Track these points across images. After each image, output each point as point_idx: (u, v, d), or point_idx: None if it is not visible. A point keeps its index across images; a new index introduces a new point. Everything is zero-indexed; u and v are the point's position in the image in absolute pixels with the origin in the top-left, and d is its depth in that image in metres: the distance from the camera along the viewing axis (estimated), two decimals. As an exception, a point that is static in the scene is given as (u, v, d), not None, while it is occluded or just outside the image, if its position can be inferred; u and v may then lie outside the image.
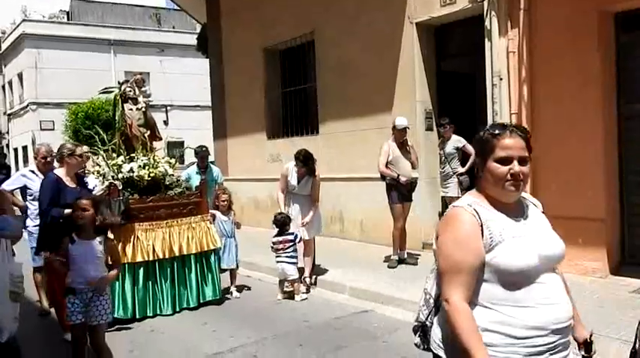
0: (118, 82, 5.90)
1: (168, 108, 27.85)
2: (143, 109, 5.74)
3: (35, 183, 5.13)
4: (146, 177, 5.27)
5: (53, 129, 25.23)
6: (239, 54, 10.55)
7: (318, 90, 8.78)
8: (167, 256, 5.21)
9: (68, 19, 28.42)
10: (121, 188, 5.13)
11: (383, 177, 6.38)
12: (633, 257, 5.71)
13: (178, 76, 27.64)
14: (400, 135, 6.34)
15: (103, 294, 3.55)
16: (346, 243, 8.06)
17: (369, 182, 7.19)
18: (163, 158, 5.75)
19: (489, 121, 6.22)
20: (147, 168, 5.34)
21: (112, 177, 5.21)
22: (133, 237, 5.08)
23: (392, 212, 6.42)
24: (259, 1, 9.78)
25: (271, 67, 10.01)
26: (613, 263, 5.62)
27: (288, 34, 9.26)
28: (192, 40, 19.16)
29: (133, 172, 5.23)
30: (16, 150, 28.45)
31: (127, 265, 4.95)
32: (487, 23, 6.21)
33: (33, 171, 5.43)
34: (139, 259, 5.06)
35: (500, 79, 6.10)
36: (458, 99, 7.60)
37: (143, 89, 5.85)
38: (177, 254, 5.28)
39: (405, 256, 6.54)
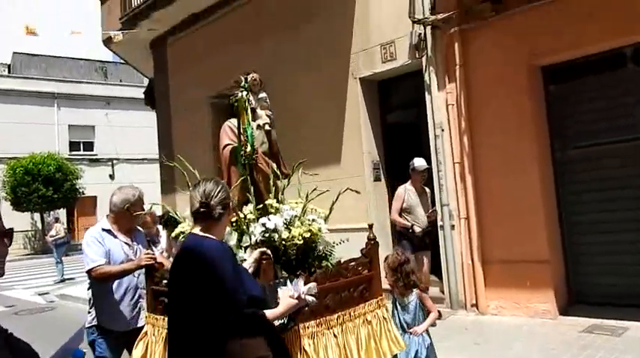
0: (243, 77, 3.57)
1: (115, 161, 27.28)
2: (267, 128, 3.63)
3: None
4: (298, 241, 3.14)
5: (-10, 186, 24.09)
6: (187, 107, 10.53)
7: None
8: None
9: (9, 73, 27.76)
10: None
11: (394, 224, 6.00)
12: (579, 296, 5.91)
13: (125, 129, 27.28)
14: (420, 178, 6.03)
15: None
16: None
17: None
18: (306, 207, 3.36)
19: (434, 171, 6.43)
20: (298, 225, 3.19)
21: (255, 241, 3.03)
22: (299, 352, 2.77)
23: None
24: (206, 56, 9.88)
25: (219, 121, 10.01)
26: (561, 303, 5.79)
27: (237, 88, 9.34)
28: (139, 92, 19.06)
29: (276, 232, 3.06)
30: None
31: None
32: (426, 78, 6.51)
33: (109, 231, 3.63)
34: None
35: (442, 130, 6.36)
36: (404, 150, 7.82)
37: (261, 96, 3.70)
38: None
39: None
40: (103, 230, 3.60)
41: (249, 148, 3.34)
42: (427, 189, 6.02)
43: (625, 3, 5.10)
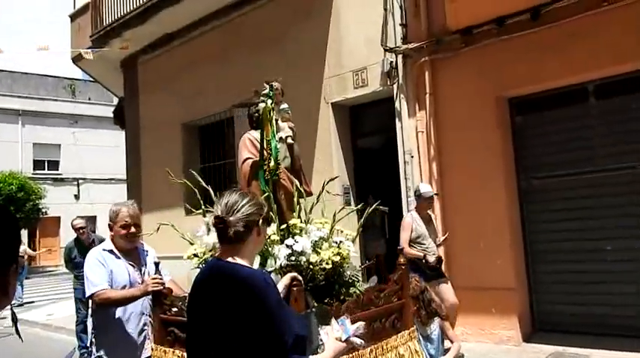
0: (267, 85, 3.28)
1: (80, 181, 26.64)
2: (290, 141, 3.41)
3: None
4: (327, 265, 2.85)
5: (-53, 205, 23.09)
6: (157, 128, 10.42)
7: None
8: None
9: (-28, 88, 27.02)
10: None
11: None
12: (543, 324, 5.99)
13: (92, 148, 26.75)
14: (426, 206, 5.59)
15: None
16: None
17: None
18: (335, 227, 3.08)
19: (403, 197, 6.49)
20: (326, 247, 2.93)
21: (280, 265, 2.75)
22: None
23: None
24: (178, 77, 9.84)
25: (190, 142, 9.95)
26: (525, 330, 5.86)
27: (208, 110, 9.33)
28: (108, 111, 18.78)
29: (303, 255, 2.77)
30: None
31: None
32: (397, 105, 6.62)
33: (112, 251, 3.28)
34: None
35: (412, 157, 6.44)
36: (374, 175, 7.88)
37: (283, 106, 3.46)
38: None
39: None
40: (104, 250, 3.25)
41: (272, 163, 3.06)
42: (432, 215, 5.67)
43: (588, 41, 5.32)
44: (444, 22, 6.24)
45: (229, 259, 1.86)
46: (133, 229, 3.21)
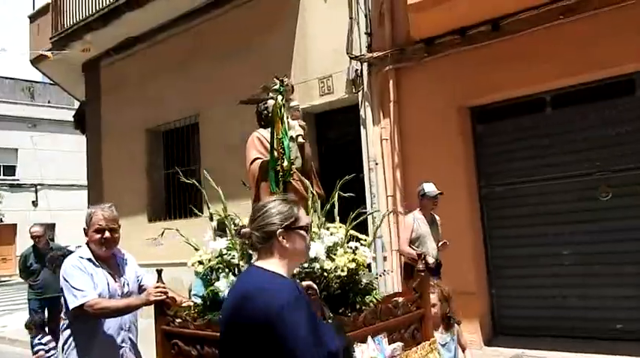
0: (278, 80, 3.03)
1: (39, 187, 25.78)
2: (301, 140, 3.23)
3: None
4: (342, 272, 2.66)
5: None
6: (119, 133, 10.21)
7: (202, 172, 8.70)
8: None
9: None
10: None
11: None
12: (503, 327, 6.12)
13: (52, 152, 25.93)
14: (431, 206, 5.38)
15: None
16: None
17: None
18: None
19: (368, 203, 6.54)
20: (340, 253, 2.73)
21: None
22: None
23: None
24: (142, 81, 9.67)
25: (154, 147, 9.78)
26: (486, 334, 5.97)
27: (172, 115, 9.20)
28: (68, 115, 18.28)
29: (317, 261, 2.60)
30: None
31: None
32: (362, 112, 6.69)
33: (90, 260, 2.92)
34: None
35: (376, 164, 6.51)
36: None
37: (293, 104, 3.24)
38: None
39: None
40: (81, 258, 2.89)
41: (285, 163, 2.84)
42: (437, 217, 5.50)
43: (546, 52, 5.49)
44: (408, 31, 6.34)
45: (260, 263, 1.79)
46: (107, 234, 2.89)
